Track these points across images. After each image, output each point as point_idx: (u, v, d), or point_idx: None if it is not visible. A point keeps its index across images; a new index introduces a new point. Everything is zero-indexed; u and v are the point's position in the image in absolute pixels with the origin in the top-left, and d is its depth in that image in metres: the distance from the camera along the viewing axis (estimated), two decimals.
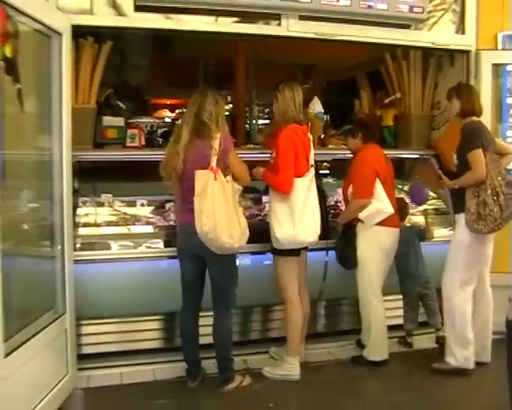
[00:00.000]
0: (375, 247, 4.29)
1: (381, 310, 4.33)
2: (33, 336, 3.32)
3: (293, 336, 4.13)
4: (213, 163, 3.69)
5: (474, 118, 4.17)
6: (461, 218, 4.08)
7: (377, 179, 4.28)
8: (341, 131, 4.87)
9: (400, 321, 4.77)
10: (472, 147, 4.01)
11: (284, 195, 3.99)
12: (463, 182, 4.09)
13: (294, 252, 4.09)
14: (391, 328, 4.52)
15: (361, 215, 4.27)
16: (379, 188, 4.28)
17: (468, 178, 4.04)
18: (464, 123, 4.17)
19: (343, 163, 5.12)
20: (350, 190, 4.37)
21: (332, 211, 4.90)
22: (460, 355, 4.14)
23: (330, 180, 5.43)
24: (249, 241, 3.84)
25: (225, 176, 3.70)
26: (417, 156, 5.47)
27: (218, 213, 3.61)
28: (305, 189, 4.04)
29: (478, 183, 3.97)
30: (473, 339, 4.15)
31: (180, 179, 3.82)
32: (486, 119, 4.36)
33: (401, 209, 4.61)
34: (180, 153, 3.73)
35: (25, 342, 3.20)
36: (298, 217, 3.98)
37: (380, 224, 4.27)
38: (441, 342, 4.52)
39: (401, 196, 5.05)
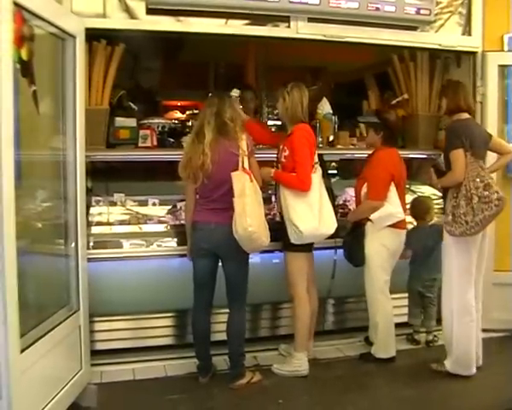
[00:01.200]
0: (381, 246, 4.31)
1: (388, 307, 4.37)
2: (48, 332, 3.38)
3: (301, 332, 4.19)
4: (246, 164, 3.76)
5: (464, 115, 4.11)
6: None
7: (392, 183, 4.30)
8: (365, 119, 4.90)
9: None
10: (452, 147, 3.97)
11: (302, 192, 4.03)
12: (444, 182, 4.10)
13: (307, 247, 4.16)
14: (398, 325, 4.55)
15: (373, 217, 4.29)
16: (393, 191, 4.29)
17: (447, 179, 4.05)
18: (449, 122, 4.17)
19: (350, 163, 5.16)
20: (364, 189, 4.38)
21: (340, 210, 4.92)
22: (458, 363, 4.12)
23: (338, 180, 5.46)
24: None
25: None
26: (424, 156, 5.50)
27: (259, 213, 3.74)
28: (317, 184, 4.08)
29: (457, 184, 3.93)
30: (473, 346, 4.10)
31: (205, 178, 3.82)
32: (493, 119, 4.39)
33: (425, 210, 4.67)
34: (207, 151, 3.76)
35: (40, 338, 3.26)
36: (317, 211, 4.02)
37: (388, 226, 4.30)
38: (430, 345, 4.65)
39: (426, 195, 5.09)
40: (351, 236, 4.46)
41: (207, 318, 4.05)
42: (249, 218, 3.65)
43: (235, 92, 4.16)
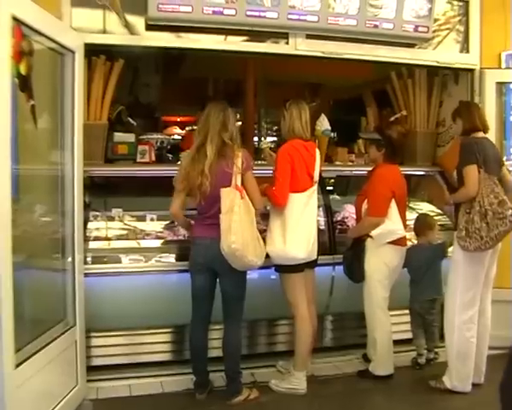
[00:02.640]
0: (381, 263, 4.30)
1: (386, 324, 4.35)
2: (44, 347, 3.36)
3: (301, 351, 4.15)
4: (238, 182, 3.75)
5: (479, 134, 4.14)
6: None
7: (392, 199, 4.29)
8: (368, 136, 4.90)
9: (406, 336, 4.77)
10: (466, 162, 3.98)
11: (279, 208, 4.00)
12: (457, 197, 4.09)
13: (294, 268, 4.07)
14: (397, 342, 4.52)
15: (373, 233, 4.28)
16: (393, 208, 4.28)
17: (460, 194, 4.04)
18: (463, 139, 4.18)
19: (349, 179, 5.16)
20: (364, 206, 4.37)
21: (339, 226, 4.92)
22: (456, 377, 4.10)
23: (335, 196, 5.44)
24: None
25: None
26: (423, 173, 5.51)
27: (245, 231, 3.68)
28: (301, 204, 4.02)
29: (470, 199, 3.93)
30: (472, 362, 4.09)
31: (201, 198, 3.82)
32: (491, 137, 4.38)
33: (430, 226, 4.66)
34: (206, 172, 3.73)
35: (35, 354, 3.25)
36: (290, 233, 3.97)
37: (394, 243, 4.28)
38: (431, 363, 4.61)
39: (425, 212, 5.09)
40: (351, 252, 4.45)
41: (205, 333, 4.02)
42: (234, 235, 3.62)
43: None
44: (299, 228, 4.01)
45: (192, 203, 3.92)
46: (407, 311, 4.71)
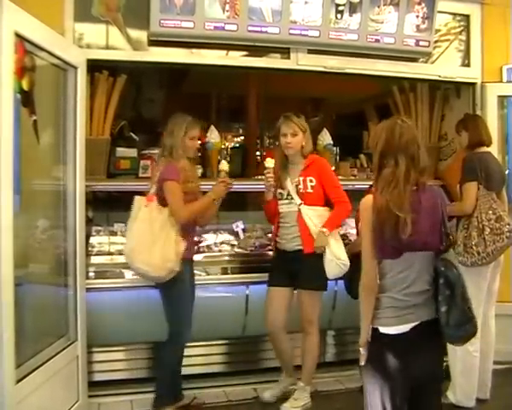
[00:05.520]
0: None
1: None
2: (45, 362, 3.36)
3: (313, 366, 4.17)
4: (152, 190, 3.79)
5: (483, 149, 4.15)
6: None
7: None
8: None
9: None
10: (465, 179, 4.01)
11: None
12: (452, 210, 4.06)
13: (270, 280, 4.19)
14: None
15: None
16: None
17: (455, 207, 4.03)
18: (467, 153, 4.18)
19: (351, 194, 5.13)
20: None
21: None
22: (460, 392, 4.08)
23: None
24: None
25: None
26: None
27: (139, 238, 3.70)
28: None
29: (467, 215, 3.96)
30: (476, 377, 4.06)
31: None
32: (493, 150, 4.37)
33: None
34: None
35: (36, 369, 3.24)
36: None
37: None
38: None
39: None
40: (350, 268, 4.42)
41: None
42: (127, 239, 3.80)
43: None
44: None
45: None
46: None
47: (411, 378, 2.54)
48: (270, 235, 4.82)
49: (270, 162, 4.06)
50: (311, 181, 4.05)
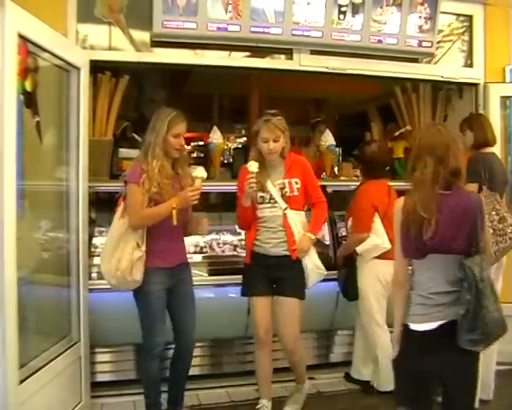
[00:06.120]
0: (374, 279, 4.26)
1: (385, 339, 4.28)
2: (48, 363, 3.37)
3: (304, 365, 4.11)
4: (123, 194, 3.60)
5: (488, 149, 4.16)
6: None
7: (376, 214, 4.25)
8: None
9: None
10: (469, 179, 3.90)
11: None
12: None
13: (251, 291, 3.90)
14: None
15: (358, 249, 4.26)
16: (377, 223, 4.23)
17: None
18: (472, 154, 4.18)
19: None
20: (349, 223, 4.39)
21: (344, 241, 4.87)
22: None
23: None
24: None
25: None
26: None
27: (105, 244, 3.62)
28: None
29: None
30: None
31: None
32: (495, 151, 4.37)
33: None
34: None
35: (39, 369, 3.25)
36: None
37: (378, 257, 4.21)
38: None
39: None
40: (343, 271, 4.43)
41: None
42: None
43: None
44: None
45: None
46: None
47: (439, 377, 2.61)
48: None
49: (253, 166, 3.64)
50: (296, 183, 3.79)
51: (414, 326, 2.64)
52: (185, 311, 3.71)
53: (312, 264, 3.78)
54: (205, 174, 3.50)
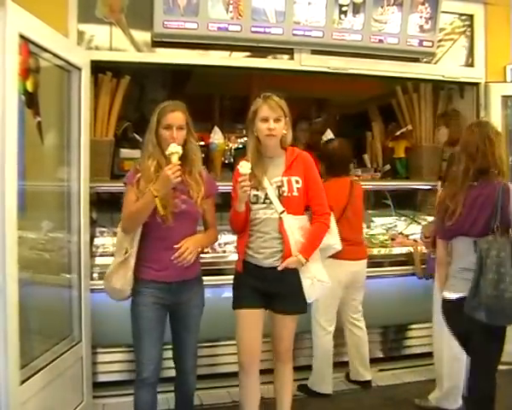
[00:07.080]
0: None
1: (324, 342, 4.29)
2: (49, 363, 3.37)
3: None
4: None
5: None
6: None
7: (331, 214, 3.85)
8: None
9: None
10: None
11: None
12: None
13: (241, 303, 3.41)
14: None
15: None
16: (331, 222, 3.75)
17: None
18: (451, 153, 4.17)
19: None
20: None
21: None
22: (444, 394, 4.07)
23: None
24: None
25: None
26: (429, 187, 5.50)
27: (115, 260, 3.24)
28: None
29: None
30: (461, 379, 3.90)
31: None
32: None
33: None
34: None
35: (41, 370, 3.26)
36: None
37: (333, 256, 3.82)
38: None
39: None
40: None
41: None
42: None
43: None
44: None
45: None
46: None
47: (467, 331, 3.20)
48: None
49: (245, 168, 3.15)
50: (297, 182, 3.30)
51: (447, 295, 3.25)
52: (184, 345, 3.32)
53: (312, 278, 3.36)
54: (179, 149, 3.04)
